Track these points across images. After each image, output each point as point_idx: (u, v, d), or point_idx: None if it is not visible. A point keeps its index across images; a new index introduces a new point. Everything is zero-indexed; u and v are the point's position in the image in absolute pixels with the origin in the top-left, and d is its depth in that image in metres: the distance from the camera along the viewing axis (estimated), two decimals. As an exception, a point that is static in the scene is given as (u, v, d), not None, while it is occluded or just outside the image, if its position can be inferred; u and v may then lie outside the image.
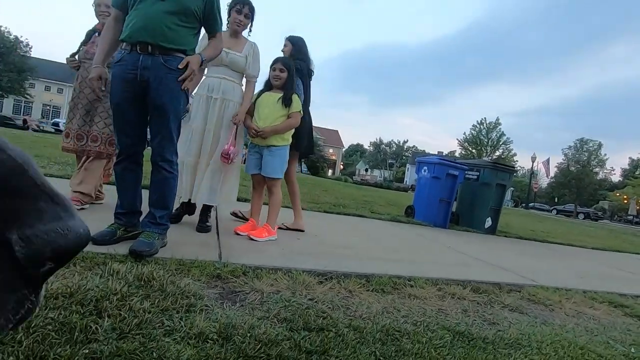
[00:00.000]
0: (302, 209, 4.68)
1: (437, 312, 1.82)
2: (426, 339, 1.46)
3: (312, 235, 3.14)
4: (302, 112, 2.84)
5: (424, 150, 62.70)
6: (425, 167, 5.68)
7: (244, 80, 2.75)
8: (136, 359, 1.00)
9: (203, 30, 2.11)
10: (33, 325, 1.05)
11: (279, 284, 1.79)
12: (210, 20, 2.05)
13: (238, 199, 4.60)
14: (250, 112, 2.80)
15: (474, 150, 49.34)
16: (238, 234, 2.64)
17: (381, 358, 1.26)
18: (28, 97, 34.49)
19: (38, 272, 0.34)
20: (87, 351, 0.98)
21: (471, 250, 3.81)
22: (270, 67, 2.80)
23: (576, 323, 2.04)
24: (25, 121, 27.28)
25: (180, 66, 1.90)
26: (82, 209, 2.63)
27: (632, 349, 1.78)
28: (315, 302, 1.66)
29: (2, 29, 29.14)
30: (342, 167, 61.15)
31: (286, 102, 2.72)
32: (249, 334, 1.23)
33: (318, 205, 5.44)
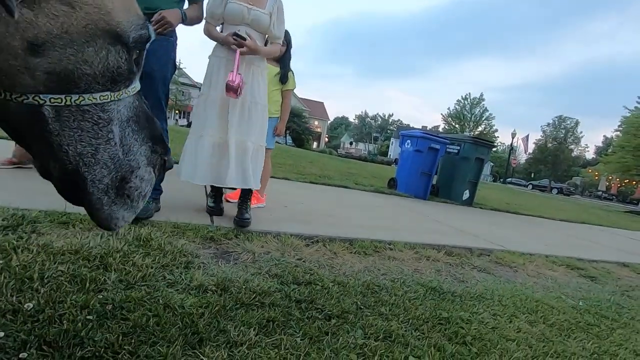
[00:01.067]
0: (287, 179, 4.80)
1: (413, 272, 2.00)
2: (402, 292, 1.64)
3: (298, 204, 3.27)
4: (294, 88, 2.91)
5: (409, 125, 63.06)
6: (409, 141, 5.83)
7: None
8: (145, 305, 1.12)
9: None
10: (46, 276, 1.15)
11: (269, 246, 1.93)
12: None
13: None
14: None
15: (457, 126, 49.96)
16: (229, 201, 2.73)
17: (362, 307, 1.42)
18: None
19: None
20: (100, 297, 1.09)
21: (448, 220, 4.05)
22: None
23: (535, 282, 2.28)
24: None
25: (153, 20, 1.80)
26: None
27: (580, 302, 2.03)
28: (303, 261, 1.81)
29: None
30: (327, 139, 61.02)
31: (283, 79, 2.79)
32: (244, 287, 1.37)
33: (304, 176, 5.55)
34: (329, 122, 63.80)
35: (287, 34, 2.79)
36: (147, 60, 1.98)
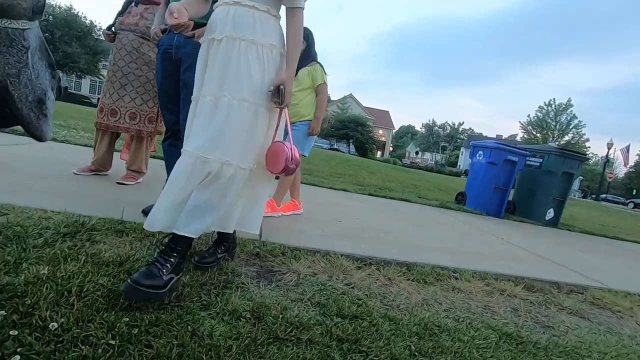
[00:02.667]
0: (345, 190, 4.64)
1: (482, 309, 1.69)
2: (468, 337, 1.36)
3: (353, 219, 3.08)
4: (326, 82, 2.70)
5: (480, 134, 58.92)
6: (481, 152, 5.30)
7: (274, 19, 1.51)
8: (172, 330, 1.04)
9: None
10: (85, 289, 1.13)
11: (316, 267, 1.78)
12: None
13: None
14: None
15: (538, 135, 45.32)
16: (281, 215, 2.65)
17: (416, 353, 1.19)
18: (102, 77, 37.78)
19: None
20: (127, 319, 1.03)
21: (527, 244, 3.52)
22: None
23: (650, 335, 1.80)
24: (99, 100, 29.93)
25: (196, 34, 1.72)
26: (138, 182, 2.83)
27: None
28: (352, 287, 1.63)
29: (79, 14, 31.84)
30: (391, 149, 59.73)
31: (315, 77, 2.65)
32: (281, 316, 1.23)
33: (363, 187, 5.35)
34: (394, 131, 62.46)
35: (305, 29, 2.65)
36: (185, 69, 1.99)
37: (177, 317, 1.11)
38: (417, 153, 58.10)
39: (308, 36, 2.63)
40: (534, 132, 46.01)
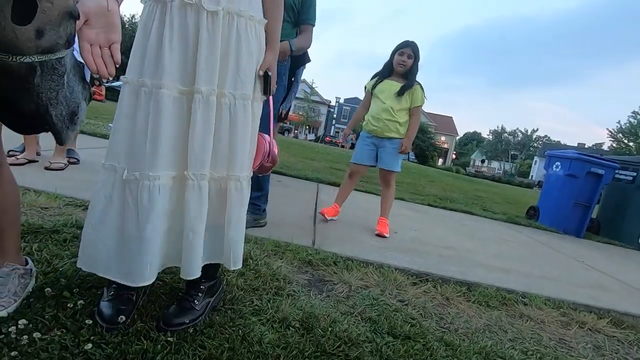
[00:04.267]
0: (402, 199, 4.49)
1: (556, 343, 1.50)
2: (538, 374, 1.21)
3: (410, 230, 2.96)
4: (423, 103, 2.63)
5: (558, 142, 53.37)
6: (558, 163, 4.78)
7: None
8: (224, 332, 1.08)
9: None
10: (152, 286, 1.22)
11: (369, 279, 1.73)
12: (306, 11, 2.08)
13: (329, 182, 4.63)
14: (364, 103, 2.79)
15: (631, 144, 39.76)
16: (324, 216, 2.63)
17: (476, 386, 1.09)
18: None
19: None
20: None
21: (614, 270, 3.07)
22: (396, 51, 2.60)
23: None
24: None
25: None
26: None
27: None
28: (405, 305, 1.55)
29: (127, 17, 34.30)
30: (454, 156, 56.80)
31: (401, 90, 2.54)
32: (330, 329, 1.21)
33: (422, 197, 5.13)
34: (457, 137, 59.36)
35: (414, 45, 2.57)
36: None
37: (230, 321, 1.14)
38: (482, 161, 54.52)
39: (417, 52, 2.57)
40: (626, 141, 40.44)
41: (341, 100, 51.06)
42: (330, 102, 51.07)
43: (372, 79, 2.74)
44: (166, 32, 0.95)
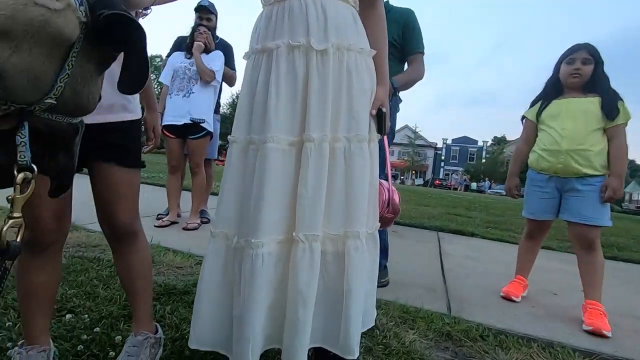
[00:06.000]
0: (549, 248, 3.61)
1: None
2: None
3: (574, 291, 2.27)
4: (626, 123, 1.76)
5: None
6: None
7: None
8: None
9: None
10: None
11: (537, 365, 1.28)
12: (409, 40, 1.90)
13: (450, 230, 4.05)
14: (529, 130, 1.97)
15: None
16: (511, 299, 1.93)
17: None
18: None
19: None
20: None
21: None
22: (561, 61, 1.87)
23: None
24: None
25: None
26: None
27: None
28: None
29: None
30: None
31: (609, 111, 1.72)
32: None
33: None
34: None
35: (590, 47, 1.84)
36: None
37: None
38: (645, 195, 43.39)
39: (596, 54, 1.81)
40: None
41: (448, 141, 48.67)
42: (437, 144, 49.12)
43: (531, 106, 2.02)
44: (272, 81, 0.88)
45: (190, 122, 2.72)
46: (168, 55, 2.98)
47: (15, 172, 0.52)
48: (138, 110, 0.95)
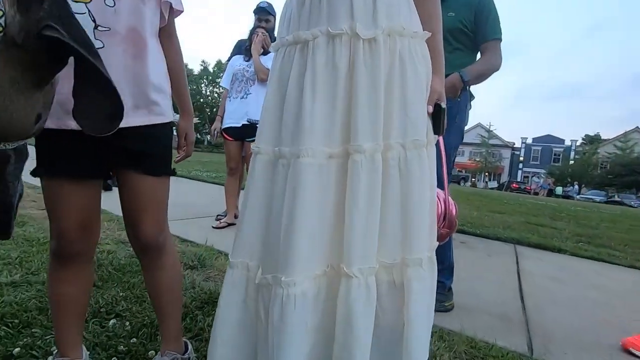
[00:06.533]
0: (633, 266, 2.93)
1: None
2: None
3: None
4: None
5: None
6: None
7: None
8: None
9: None
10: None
11: None
12: (483, 26, 1.60)
13: (530, 244, 3.49)
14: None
15: None
16: (631, 353, 1.44)
17: None
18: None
19: None
20: None
21: None
22: None
23: None
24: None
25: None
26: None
27: None
28: None
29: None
30: None
31: None
32: None
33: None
34: None
35: None
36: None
37: None
38: None
39: None
40: None
41: (528, 140, 43.94)
42: (514, 143, 44.76)
43: None
44: (307, 78, 0.73)
45: (247, 123, 2.73)
46: (229, 59, 3.04)
47: None
48: (168, 113, 0.87)
